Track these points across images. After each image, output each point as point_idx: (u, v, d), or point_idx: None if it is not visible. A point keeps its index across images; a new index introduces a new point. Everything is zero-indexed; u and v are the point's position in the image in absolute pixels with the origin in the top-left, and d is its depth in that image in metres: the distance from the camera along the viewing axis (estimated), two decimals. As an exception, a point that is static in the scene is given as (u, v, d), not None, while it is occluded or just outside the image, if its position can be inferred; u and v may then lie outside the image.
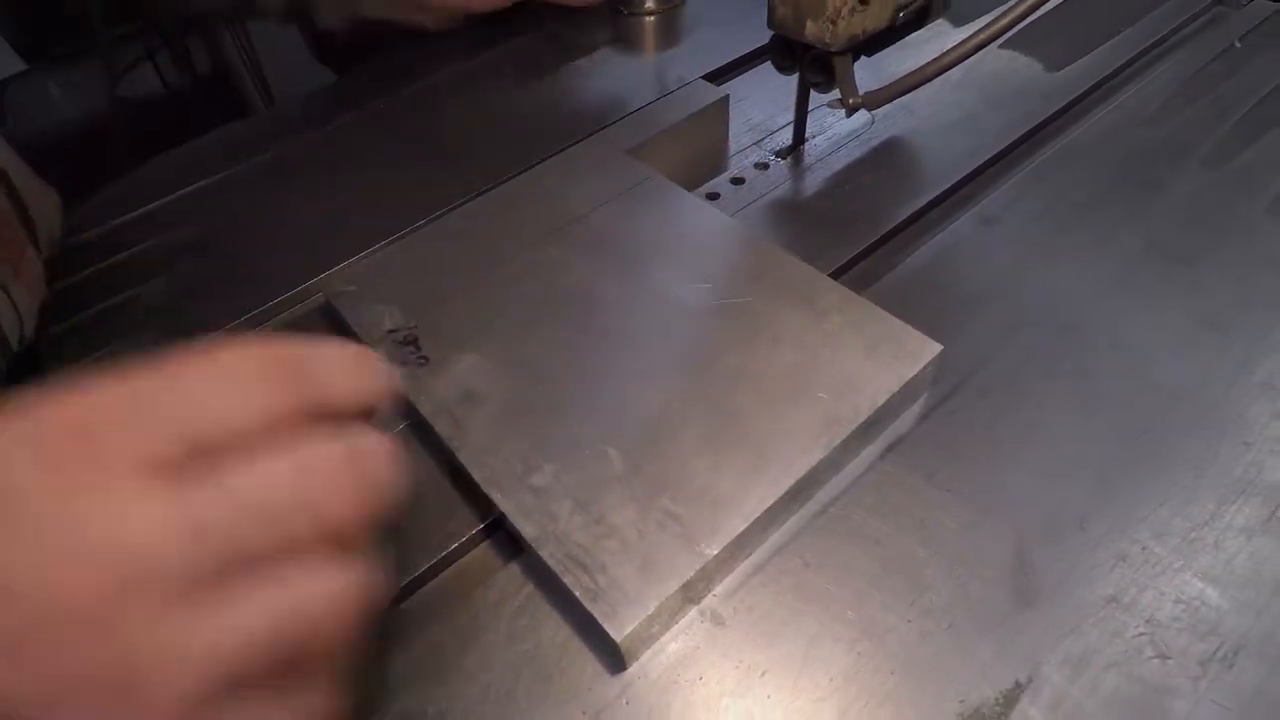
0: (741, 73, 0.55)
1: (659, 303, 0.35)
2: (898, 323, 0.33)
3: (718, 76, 0.54)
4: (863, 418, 0.30)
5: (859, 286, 0.37)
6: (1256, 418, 0.31)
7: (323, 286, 0.39)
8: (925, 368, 0.32)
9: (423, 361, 0.34)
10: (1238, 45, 0.50)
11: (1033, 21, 0.54)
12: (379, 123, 0.54)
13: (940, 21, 0.53)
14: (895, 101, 0.45)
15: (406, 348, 0.35)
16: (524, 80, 0.56)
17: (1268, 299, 0.35)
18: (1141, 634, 0.26)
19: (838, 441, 0.29)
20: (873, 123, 0.48)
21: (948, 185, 0.43)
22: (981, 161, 0.44)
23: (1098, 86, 0.49)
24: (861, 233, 0.41)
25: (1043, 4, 0.37)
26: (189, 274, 0.44)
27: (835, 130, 0.48)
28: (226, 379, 0.20)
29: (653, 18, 0.61)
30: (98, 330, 0.42)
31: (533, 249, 0.39)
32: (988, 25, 0.38)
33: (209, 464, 0.19)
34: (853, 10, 0.36)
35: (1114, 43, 0.51)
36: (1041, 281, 0.38)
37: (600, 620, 0.26)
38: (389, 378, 0.24)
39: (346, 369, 0.23)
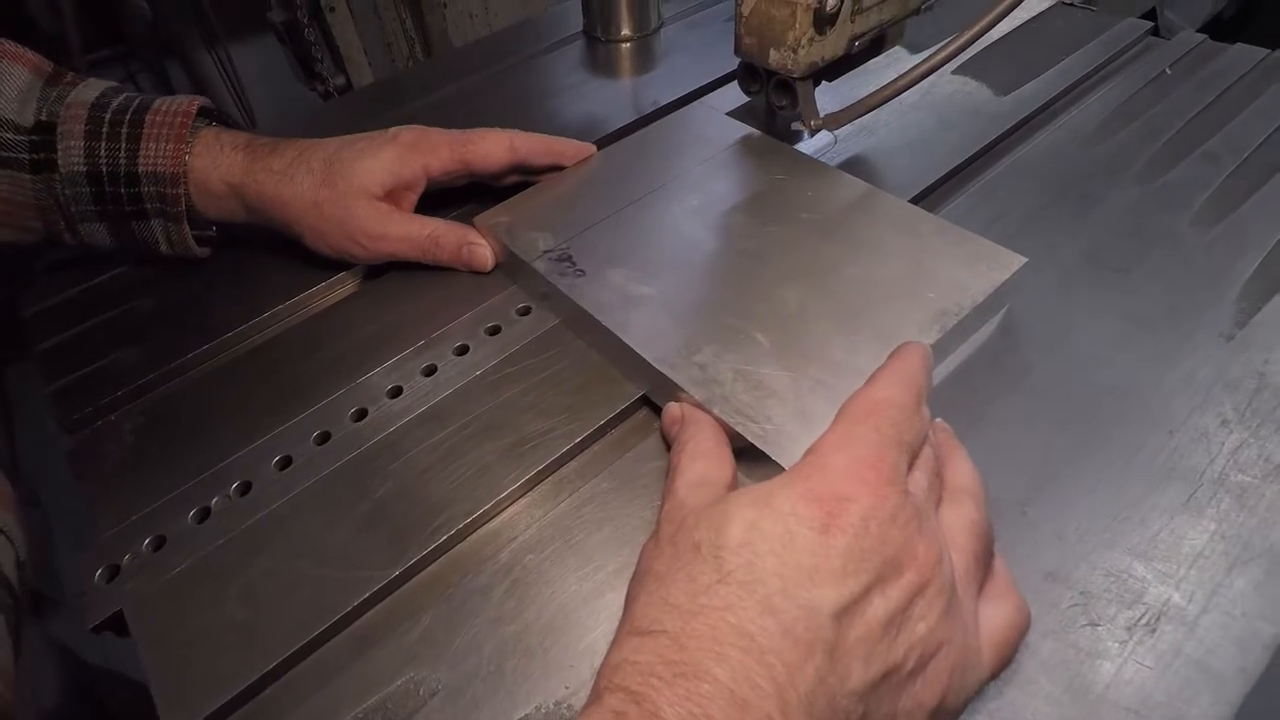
0: (711, 94, 0.58)
1: (779, 229, 0.41)
2: (988, 242, 0.38)
3: (690, 99, 0.57)
4: (967, 311, 0.35)
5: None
6: (1179, 410, 0.34)
7: (477, 220, 0.44)
8: (1013, 276, 0.37)
9: (580, 273, 0.40)
10: (1168, 72, 0.54)
11: (982, 50, 0.58)
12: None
13: (898, 49, 0.57)
14: (856, 123, 0.49)
15: (563, 263, 0.40)
16: (511, 105, 0.59)
17: (1190, 302, 0.38)
18: (1075, 605, 0.28)
19: (950, 327, 0.35)
20: (835, 142, 0.51)
21: (905, 200, 0.46)
22: (936, 178, 0.47)
23: (1042, 110, 0.52)
24: (824, 244, 0.43)
25: (988, 30, 0.40)
26: (182, 288, 0.46)
27: (801, 149, 0.50)
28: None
29: (628, 44, 0.64)
30: (92, 341, 0.43)
31: (659, 188, 0.45)
32: (937, 51, 0.41)
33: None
34: (811, 40, 0.39)
35: (1057, 69, 0.55)
36: (989, 288, 0.41)
37: (774, 456, 0.31)
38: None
39: (930, 373, 0.30)
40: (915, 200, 0.46)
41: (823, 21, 0.38)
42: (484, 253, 0.44)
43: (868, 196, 0.43)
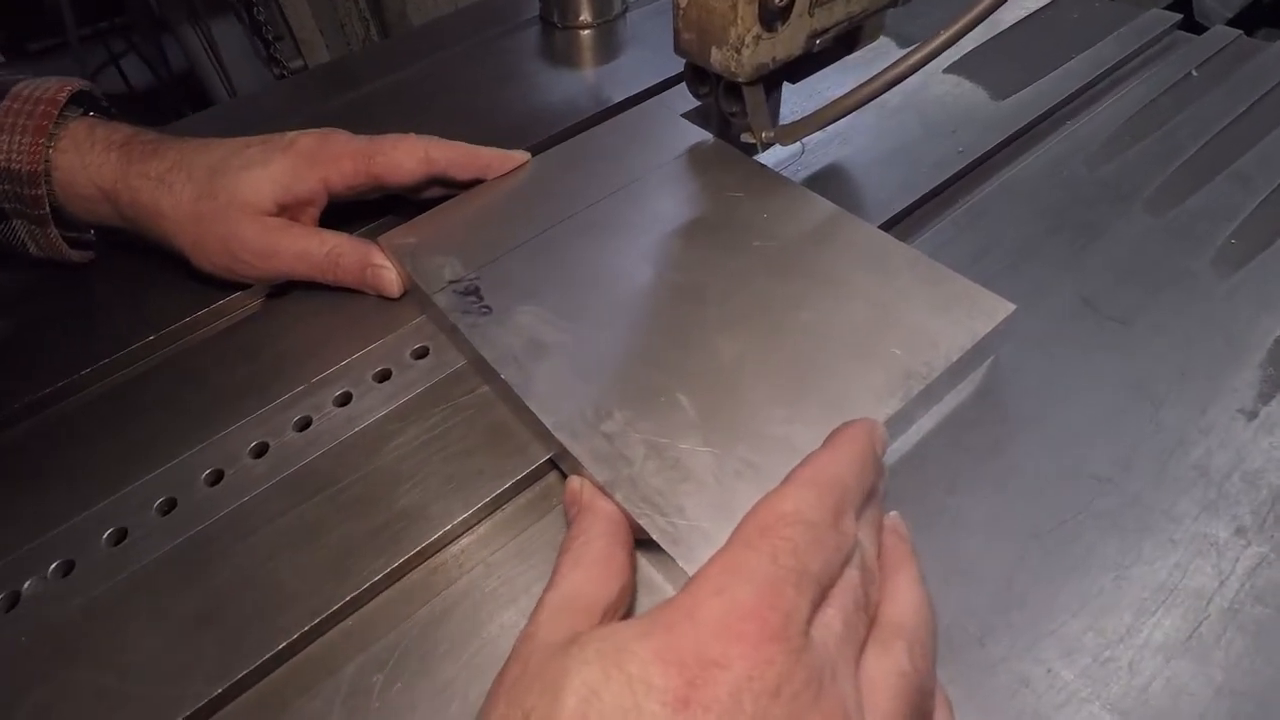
0: (672, 90, 0.50)
1: (725, 259, 0.34)
2: (969, 282, 0.32)
3: (649, 96, 0.50)
4: (937, 373, 0.29)
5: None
6: (1185, 511, 0.27)
7: (382, 240, 0.38)
8: (998, 326, 0.30)
9: (485, 311, 0.33)
10: (1194, 75, 0.46)
11: (981, 45, 0.49)
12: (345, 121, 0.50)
13: (885, 42, 0.49)
14: (829, 128, 0.41)
15: (468, 298, 0.34)
16: (449, 98, 0.52)
17: (1206, 368, 0.31)
18: (1037, 781, 0.22)
19: (914, 394, 0.28)
20: (803, 151, 0.43)
21: (877, 224, 0.39)
22: (915, 198, 0.40)
23: (1043, 118, 0.44)
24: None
25: (980, 21, 0.32)
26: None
27: (763, 157, 0.43)
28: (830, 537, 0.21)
29: (588, 31, 0.56)
30: None
31: (593, 205, 0.38)
32: (914, 51, 0.33)
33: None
34: (758, 38, 0.31)
35: (1065, 69, 0.47)
36: (965, 339, 0.33)
37: (679, 562, 0.25)
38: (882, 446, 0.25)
39: (869, 468, 0.23)
40: (890, 225, 0.39)
41: (771, 16, 0.31)
42: (390, 276, 0.37)
43: (833, 221, 0.36)
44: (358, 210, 0.41)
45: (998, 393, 0.31)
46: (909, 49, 0.32)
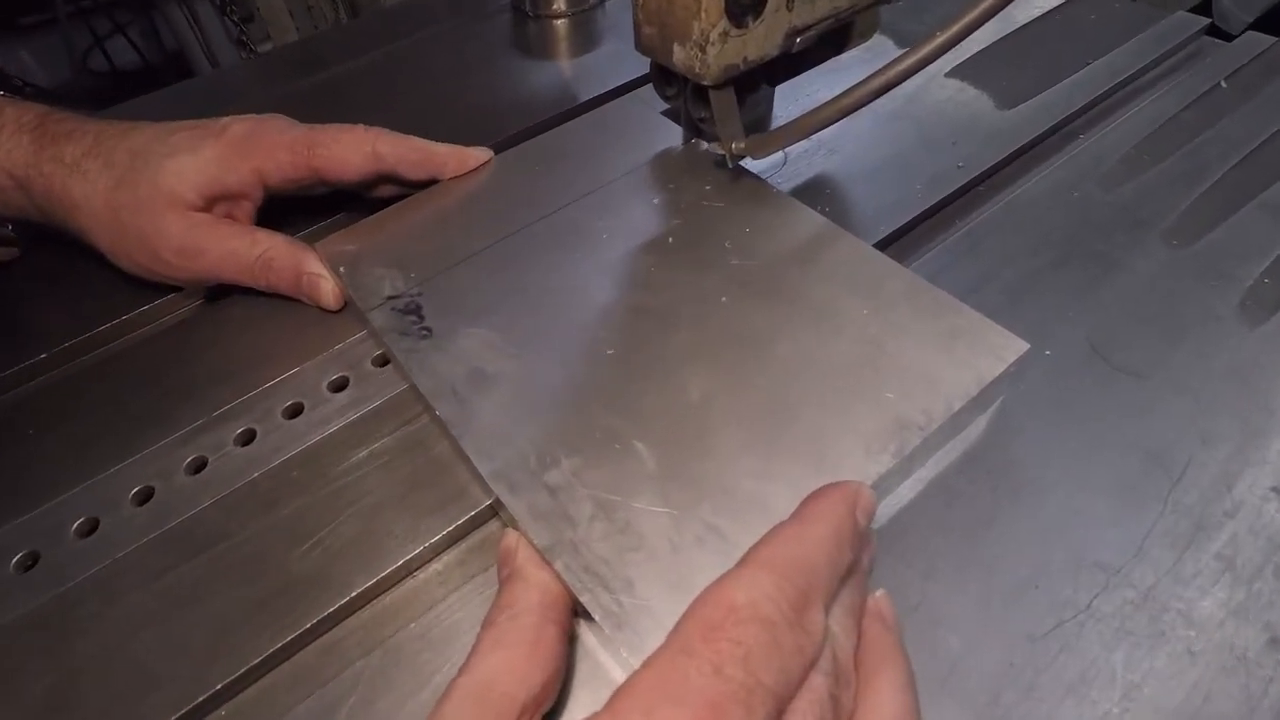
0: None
1: (699, 279, 0.30)
2: (976, 315, 0.27)
3: (626, 90, 0.45)
4: (936, 424, 0.24)
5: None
6: (1208, 615, 0.22)
7: (319, 246, 0.33)
8: (1008, 369, 0.26)
9: (425, 334, 0.29)
10: (1223, 86, 0.41)
11: (987, 47, 0.44)
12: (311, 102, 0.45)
13: (885, 40, 0.44)
14: (814, 136, 0.36)
15: (408, 317, 0.30)
16: (411, 92, 0.47)
17: (1233, 434, 0.26)
18: None
19: (908, 451, 0.24)
20: (785, 161, 0.39)
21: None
22: (905, 220, 0.35)
23: (1053, 131, 0.39)
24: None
25: (985, 19, 0.27)
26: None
27: (747, 164, 0.38)
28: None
29: (562, 21, 0.51)
30: None
31: (557, 212, 0.34)
32: (907, 55, 0.28)
33: None
34: (726, 35, 0.26)
35: (1079, 77, 0.42)
36: (955, 387, 0.29)
37: (625, 651, 0.21)
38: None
39: (845, 545, 0.19)
40: (877, 248, 0.34)
41: (741, 10, 0.26)
42: (327, 287, 0.33)
43: (824, 239, 0.31)
44: (306, 206, 0.37)
45: (989, 455, 0.27)
46: (906, 50, 0.28)
